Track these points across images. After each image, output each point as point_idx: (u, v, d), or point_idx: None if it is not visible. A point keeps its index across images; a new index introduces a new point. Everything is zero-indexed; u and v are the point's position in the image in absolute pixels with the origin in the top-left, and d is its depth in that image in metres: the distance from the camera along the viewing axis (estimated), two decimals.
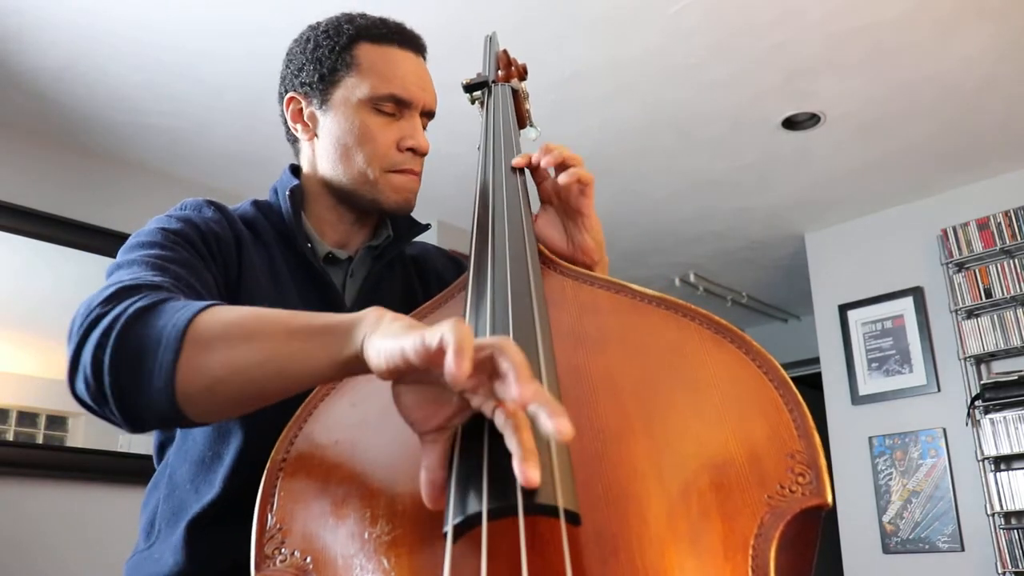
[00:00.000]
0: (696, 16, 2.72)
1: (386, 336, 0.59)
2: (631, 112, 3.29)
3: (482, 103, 1.22)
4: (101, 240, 3.26)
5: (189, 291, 0.81)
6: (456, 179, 3.77)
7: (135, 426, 0.70)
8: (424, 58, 1.07)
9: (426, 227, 1.13)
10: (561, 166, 0.97)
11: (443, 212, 4.15)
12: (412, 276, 1.12)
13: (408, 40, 1.04)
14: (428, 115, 1.04)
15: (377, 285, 1.06)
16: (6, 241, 3.12)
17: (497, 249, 0.84)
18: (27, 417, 3.10)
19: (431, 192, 3.92)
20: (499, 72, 1.25)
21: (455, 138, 3.39)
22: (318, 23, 1.05)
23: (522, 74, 1.28)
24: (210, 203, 0.98)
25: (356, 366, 0.62)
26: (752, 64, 2.98)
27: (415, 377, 0.58)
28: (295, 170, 1.07)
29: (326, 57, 1.00)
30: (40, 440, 3.12)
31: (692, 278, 5.03)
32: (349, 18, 1.04)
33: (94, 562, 2.95)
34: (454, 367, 0.51)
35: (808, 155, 3.66)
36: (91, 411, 0.71)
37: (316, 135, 1.02)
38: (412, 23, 1.10)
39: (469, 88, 1.23)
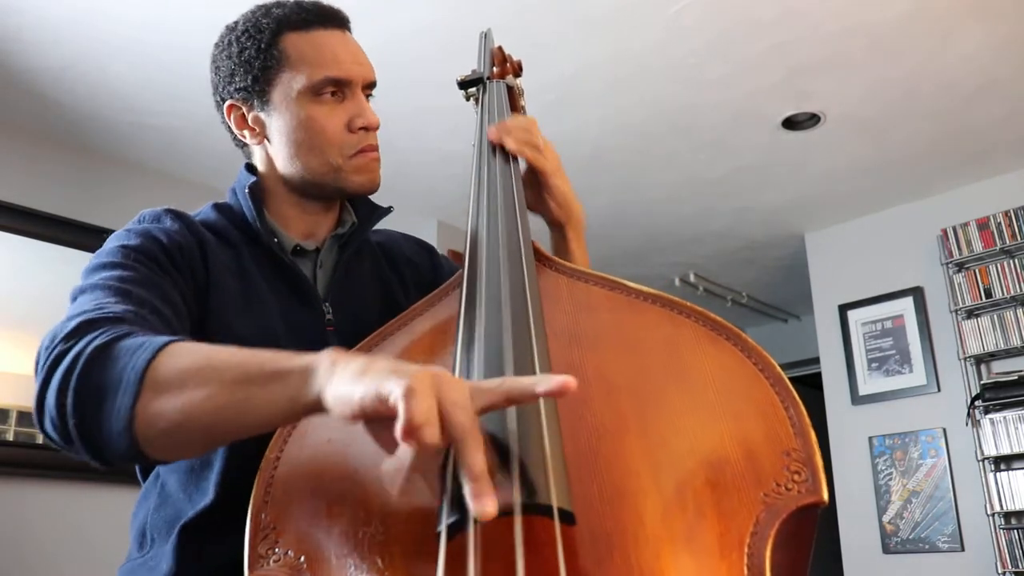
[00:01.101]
0: (696, 15, 2.71)
1: (342, 382, 0.58)
2: (631, 111, 3.29)
3: (477, 100, 1.22)
4: (101, 240, 3.18)
5: (152, 315, 0.80)
6: (455, 178, 3.77)
7: (103, 463, 0.71)
8: (349, 30, 1.04)
9: (388, 210, 1.12)
10: (501, 140, 1.03)
11: (443, 212, 4.15)
12: (381, 262, 1.12)
13: (330, 18, 1.01)
14: (370, 87, 1.02)
15: (347, 274, 1.05)
16: (6, 241, 3.12)
17: (492, 246, 0.84)
18: (27, 417, 3.09)
19: (431, 192, 3.93)
20: (494, 68, 1.25)
21: (455, 137, 3.39)
22: (235, 23, 1.03)
23: (517, 71, 1.28)
24: (168, 211, 0.97)
25: (314, 410, 0.62)
26: (752, 64, 2.98)
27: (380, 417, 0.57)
28: (251, 168, 1.06)
29: (254, 58, 0.99)
30: (40, 440, 3.12)
31: (692, 278, 5.02)
32: (265, 11, 1.01)
33: (93, 562, 2.95)
34: (404, 441, 0.52)
35: (808, 155, 3.66)
36: (60, 448, 0.71)
37: (266, 138, 1.01)
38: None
39: (464, 84, 1.22)
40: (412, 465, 0.54)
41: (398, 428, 0.52)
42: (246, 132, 1.03)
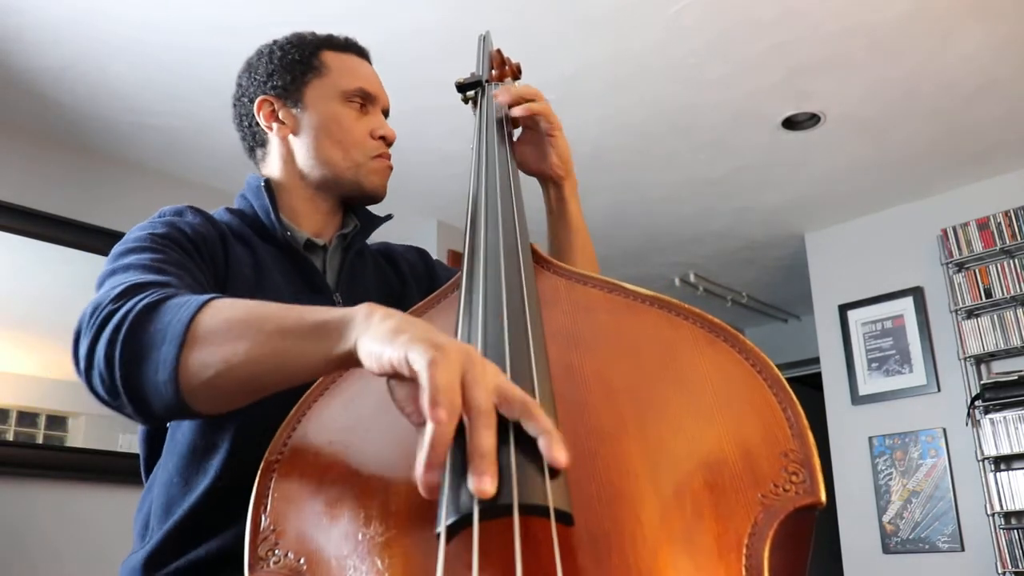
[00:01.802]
0: (696, 15, 2.72)
1: (375, 339, 0.60)
2: (631, 111, 3.29)
3: (475, 102, 1.22)
4: (100, 240, 3.26)
5: (189, 289, 0.83)
6: (455, 179, 3.78)
7: (147, 418, 0.74)
8: (372, 66, 1.18)
9: (388, 217, 1.19)
10: (518, 100, 1.11)
11: (443, 212, 4.15)
12: (383, 264, 1.19)
13: (361, 51, 1.17)
14: (386, 114, 1.15)
15: (352, 271, 1.12)
16: (6, 241, 3.12)
17: (490, 248, 0.84)
18: (27, 417, 3.10)
19: (431, 192, 3.93)
20: (492, 71, 1.25)
21: (454, 137, 3.39)
22: (275, 40, 1.16)
23: (516, 73, 1.28)
24: (190, 207, 1.02)
25: (350, 362, 0.64)
26: (752, 64, 2.98)
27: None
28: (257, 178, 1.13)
29: (296, 62, 1.11)
30: (40, 440, 3.12)
31: (692, 278, 5.03)
32: (308, 32, 1.16)
33: (93, 562, 2.95)
34: (430, 416, 0.53)
35: (808, 155, 3.66)
36: (106, 404, 0.74)
37: (293, 131, 1.10)
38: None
39: (462, 87, 1.23)
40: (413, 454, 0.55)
41: (421, 398, 0.54)
42: (274, 125, 1.11)
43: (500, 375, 0.57)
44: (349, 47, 1.14)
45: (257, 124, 1.12)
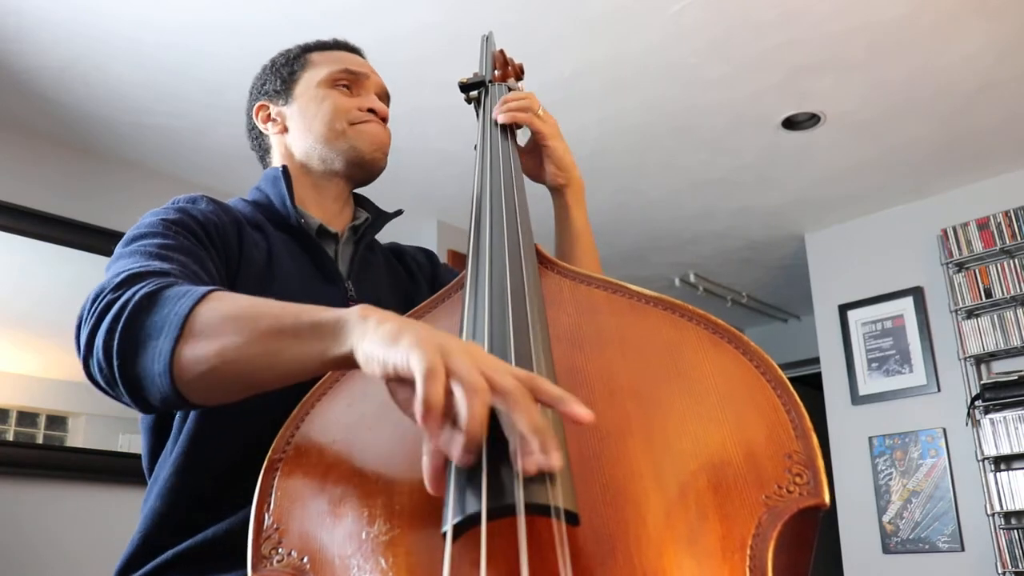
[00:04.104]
0: (696, 15, 2.72)
1: (374, 343, 0.60)
2: (631, 111, 3.29)
3: (479, 103, 1.22)
4: (100, 240, 3.26)
5: (193, 277, 0.84)
6: (455, 179, 3.77)
7: (143, 407, 0.75)
8: (365, 60, 1.19)
9: (398, 212, 1.20)
10: (503, 106, 1.12)
11: (443, 212, 4.15)
12: (392, 260, 1.20)
13: (349, 46, 1.18)
14: (384, 97, 1.15)
15: (364, 263, 1.12)
16: (6, 241, 3.12)
17: (495, 249, 0.84)
18: (27, 417, 3.09)
19: (431, 192, 3.93)
20: (495, 72, 1.25)
21: (455, 137, 3.39)
22: (276, 54, 1.20)
23: (519, 74, 1.29)
24: (203, 196, 1.03)
25: (347, 365, 0.64)
26: (752, 63, 2.98)
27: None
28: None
29: (284, 66, 1.15)
30: (40, 440, 3.12)
31: (692, 278, 5.03)
32: (299, 43, 1.19)
33: (94, 562, 2.95)
34: (421, 424, 0.54)
35: (808, 155, 3.66)
36: (104, 392, 0.75)
37: (286, 127, 1.12)
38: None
39: (465, 88, 1.23)
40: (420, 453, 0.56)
41: (416, 407, 0.54)
42: (270, 124, 1.14)
43: (499, 364, 0.58)
44: (337, 45, 1.17)
45: (260, 131, 1.15)
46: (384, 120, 1.11)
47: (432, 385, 0.54)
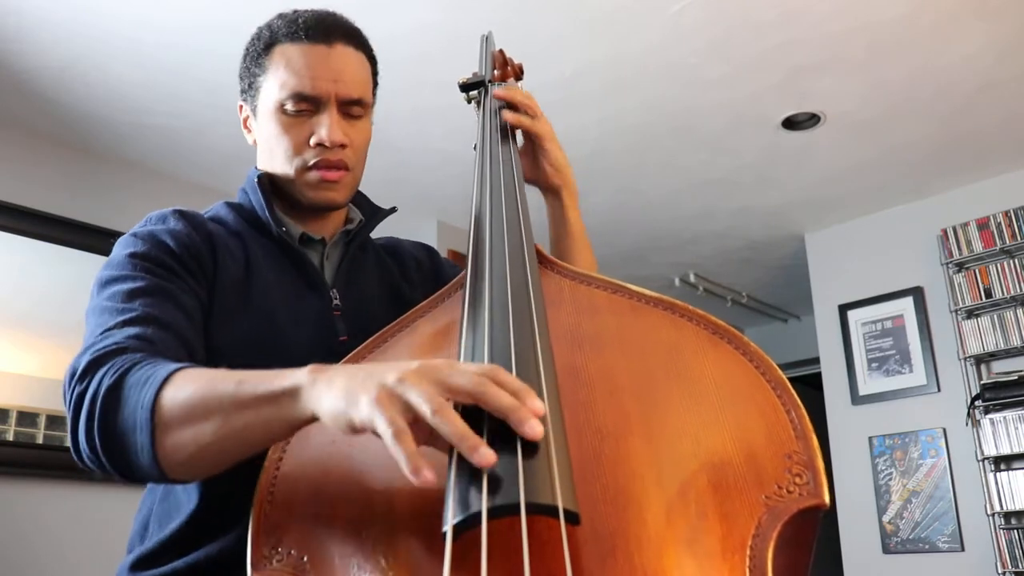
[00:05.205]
0: (696, 15, 2.72)
1: (332, 405, 0.62)
2: (631, 111, 3.29)
3: (478, 103, 1.22)
4: (100, 240, 3.26)
5: (159, 331, 0.84)
6: (456, 179, 3.77)
7: (143, 483, 0.79)
8: (345, 42, 1.03)
9: (392, 210, 1.17)
10: (509, 101, 1.12)
11: (443, 212, 4.15)
12: (385, 258, 1.16)
13: (318, 32, 1.01)
14: (353, 103, 1.01)
15: (352, 265, 1.09)
16: (6, 241, 3.12)
17: (495, 249, 0.84)
18: (27, 417, 3.09)
19: (431, 192, 3.93)
20: (495, 72, 1.25)
21: (455, 137, 3.39)
22: (254, 32, 1.08)
23: (518, 74, 1.29)
24: (175, 212, 1.00)
25: (313, 422, 0.65)
26: (752, 63, 2.98)
27: None
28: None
29: (252, 65, 1.04)
30: (40, 440, 3.12)
31: (692, 278, 5.03)
32: (271, 22, 1.05)
33: (94, 562, 2.95)
34: (412, 475, 0.55)
35: (808, 155, 3.66)
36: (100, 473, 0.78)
37: (256, 140, 1.07)
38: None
39: (465, 88, 1.23)
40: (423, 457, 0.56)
41: (401, 466, 0.55)
42: (247, 132, 1.09)
43: (446, 372, 0.59)
44: (300, 35, 1.00)
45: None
46: (343, 146, 1.00)
47: (404, 443, 0.55)
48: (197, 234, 0.97)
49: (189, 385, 0.72)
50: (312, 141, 0.99)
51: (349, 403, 0.60)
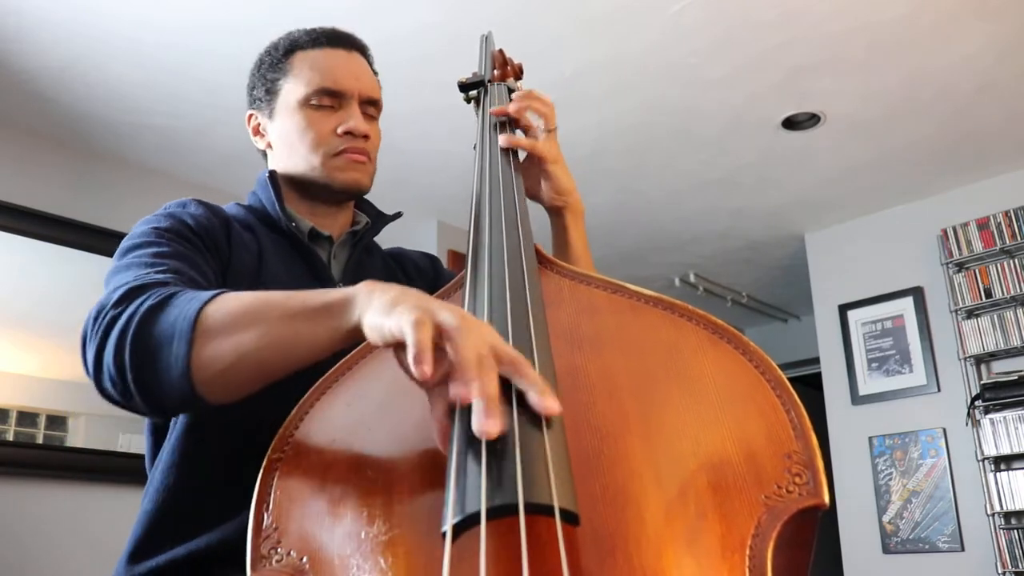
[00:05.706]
0: (696, 15, 2.72)
1: (375, 312, 0.63)
2: (631, 112, 3.29)
3: (478, 102, 1.22)
4: (101, 240, 3.26)
5: (190, 283, 0.84)
6: (456, 179, 3.77)
7: (160, 414, 0.78)
8: (360, 53, 1.13)
9: (398, 215, 1.20)
10: (511, 111, 1.11)
11: (443, 212, 4.15)
12: (390, 263, 1.19)
13: (337, 39, 1.12)
14: (371, 103, 1.10)
15: (358, 266, 1.12)
16: (6, 241, 3.12)
17: (494, 248, 0.84)
18: (27, 417, 3.09)
19: (431, 192, 3.93)
20: (495, 72, 1.25)
21: (455, 138, 3.39)
22: (266, 46, 1.15)
23: (518, 74, 1.29)
24: (194, 199, 1.03)
25: (355, 338, 0.67)
26: (752, 64, 2.98)
27: None
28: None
29: (268, 71, 1.10)
30: (40, 440, 3.12)
31: (692, 278, 5.03)
32: (287, 34, 1.13)
33: (94, 562, 2.95)
34: (416, 373, 0.57)
35: (808, 155, 3.66)
36: (118, 405, 0.76)
37: (271, 143, 1.11)
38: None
39: (464, 87, 1.23)
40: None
41: (409, 356, 0.57)
42: (258, 139, 1.13)
43: (495, 334, 0.60)
44: (320, 41, 1.10)
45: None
46: (366, 137, 1.07)
47: (420, 331, 0.57)
48: (216, 219, 1.00)
49: (237, 299, 0.73)
50: (340, 130, 1.05)
51: (388, 312, 0.62)
